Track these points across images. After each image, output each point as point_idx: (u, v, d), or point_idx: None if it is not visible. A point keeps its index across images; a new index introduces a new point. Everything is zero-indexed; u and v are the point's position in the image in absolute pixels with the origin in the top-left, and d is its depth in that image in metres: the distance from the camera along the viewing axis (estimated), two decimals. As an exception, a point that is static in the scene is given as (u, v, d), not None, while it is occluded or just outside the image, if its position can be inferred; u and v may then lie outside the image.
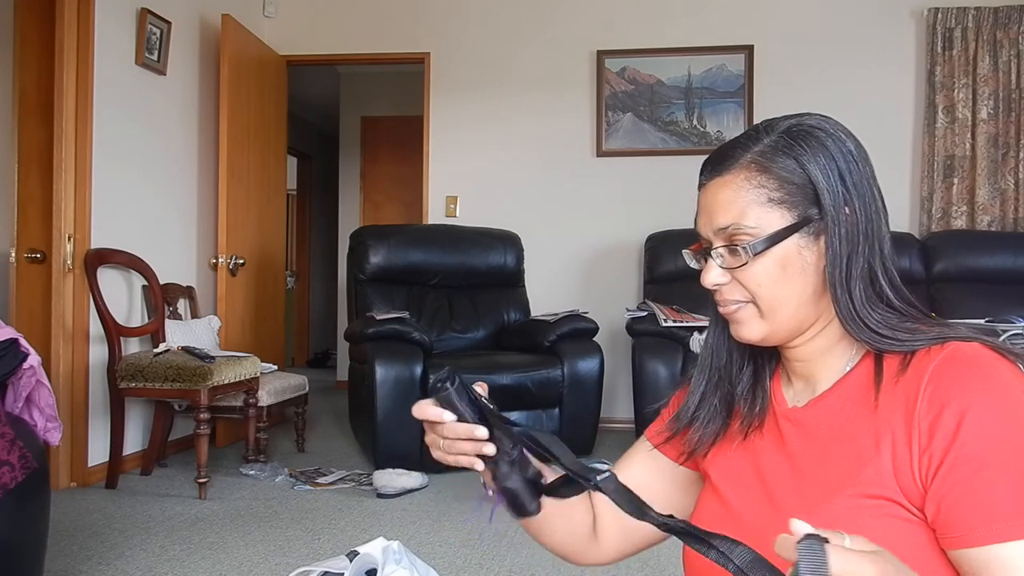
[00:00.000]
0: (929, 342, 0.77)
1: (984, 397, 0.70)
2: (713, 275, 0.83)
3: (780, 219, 0.80)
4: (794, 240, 0.80)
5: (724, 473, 0.90)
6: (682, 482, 0.99)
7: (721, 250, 0.83)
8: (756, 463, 0.87)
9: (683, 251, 0.90)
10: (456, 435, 0.80)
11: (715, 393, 0.91)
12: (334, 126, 7.16)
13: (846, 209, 0.80)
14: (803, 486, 0.80)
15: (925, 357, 0.75)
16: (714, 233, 0.83)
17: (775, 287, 0.81)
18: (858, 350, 0.83)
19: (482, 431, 0.79)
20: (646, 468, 0.99)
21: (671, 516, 0.68)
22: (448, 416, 0.79)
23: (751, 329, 0.84)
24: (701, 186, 0.86)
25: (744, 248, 0.80)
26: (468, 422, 0.79)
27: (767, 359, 0.92)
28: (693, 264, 0.89)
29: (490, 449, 0.79)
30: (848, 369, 0.83)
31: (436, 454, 0.83)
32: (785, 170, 0.80)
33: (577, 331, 3.87)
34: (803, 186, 0.80)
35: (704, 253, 0.85)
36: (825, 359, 0.84)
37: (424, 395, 0.81)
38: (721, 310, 0.86)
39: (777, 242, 0.80)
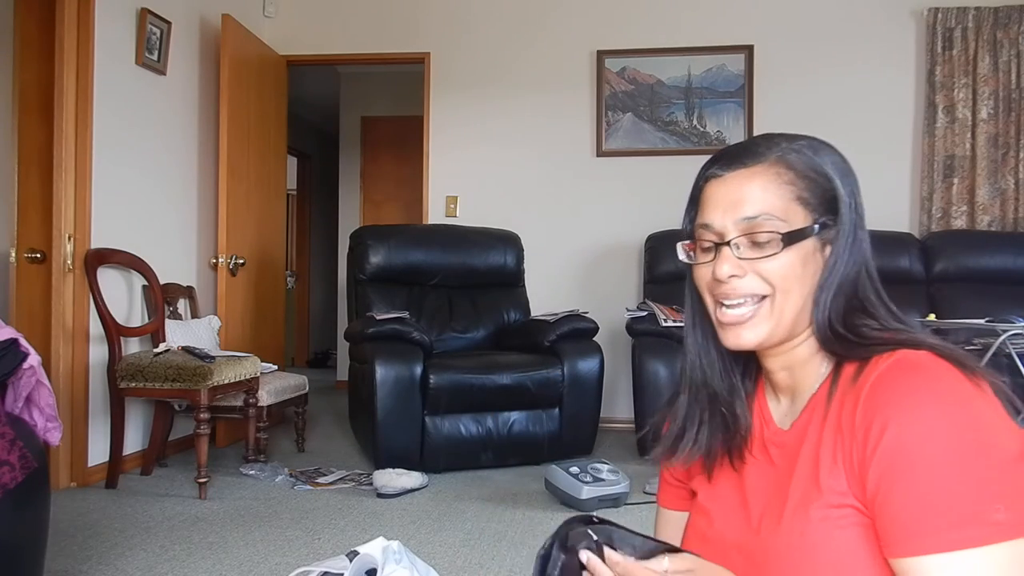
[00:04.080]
0: (885, 348, 0.77)
1: (913, 407, 0.70)
2: (729, 266, 0.81)
3: (804, 219, 0.81)
4: (813, 241, 0.81)
5: (711, 495, 0.91)
6: None
7: (740, 240, 0.81)
8: (741, 485, 0.88)
9: (678, 244, 0.88)
10: None
11: (702, 408, 0.91)
12: (334, 126, 7.16)
13: (857, 226, 0.83)
14: (781, 503, 0.81)
15: (874, 366, 0.76)
16: (735, 223, 0.81)
17: (795, 282, 0.81)
18: (829, 361, 0.84)
19: None
20: (678, 528, 1.00)
21: None
22: None
23: (755, 332, 0.83)
24: (714, 177, 0.84)
25: (778, 237, 0.80)
26: None
27: (745, 377, 0.92)
28: (685, 258, 0.88)
29: None
30: (821, 382, 0.84)
31: None
32: (813, 172, 0.82)
33: (577, 331, 3.87)
34: (827, 191, 0.82)
35: (711, 247, 0.84)
36: (805, 368, 0.85)
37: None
38: (726, 313, 0.83)
39: (805, 237, 0.81)
